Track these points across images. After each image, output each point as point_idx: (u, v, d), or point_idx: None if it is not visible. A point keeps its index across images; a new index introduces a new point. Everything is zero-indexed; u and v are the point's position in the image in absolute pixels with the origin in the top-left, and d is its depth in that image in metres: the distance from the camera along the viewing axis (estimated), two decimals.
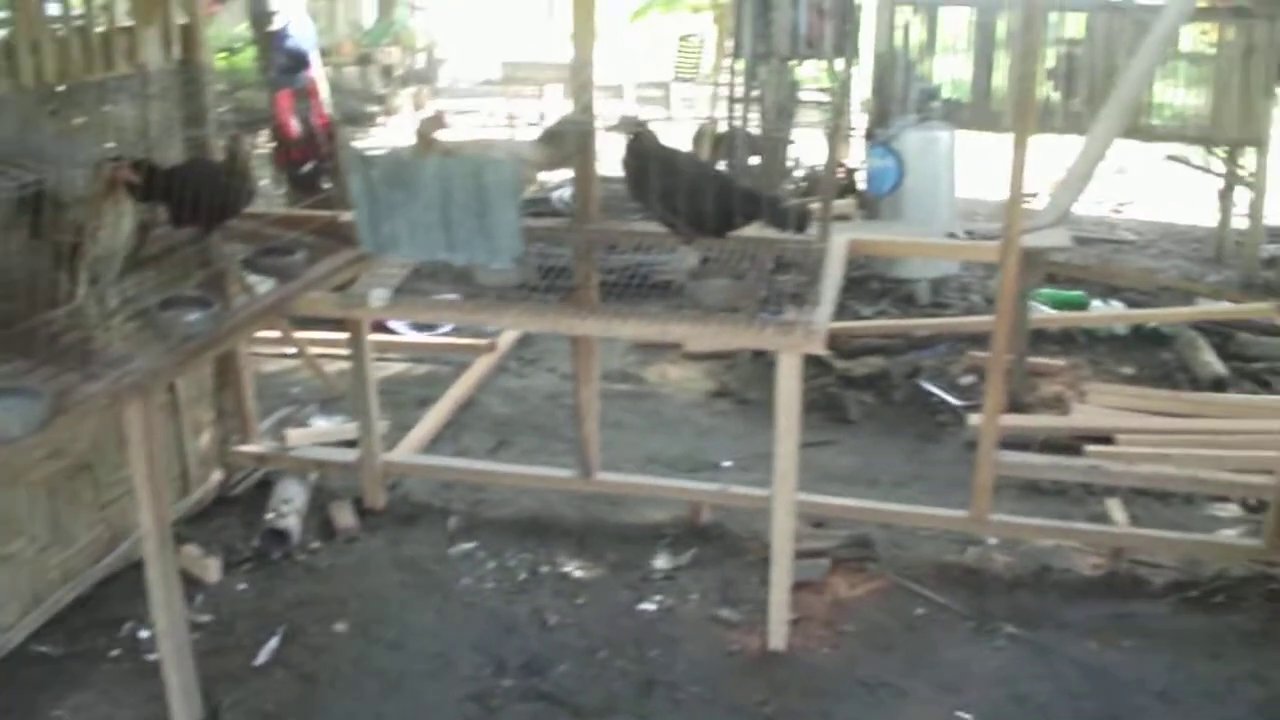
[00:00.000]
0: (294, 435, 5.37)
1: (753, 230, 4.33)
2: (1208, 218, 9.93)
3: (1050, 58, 9.22)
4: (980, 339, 6.62)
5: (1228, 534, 4.96)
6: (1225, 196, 9.53)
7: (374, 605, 4.36)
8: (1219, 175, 9.58)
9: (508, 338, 6.98)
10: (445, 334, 7.09)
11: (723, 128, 8.73)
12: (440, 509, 5.04)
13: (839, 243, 4.59)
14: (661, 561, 4.67)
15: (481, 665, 4.01)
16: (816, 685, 3.96)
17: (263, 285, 4.35)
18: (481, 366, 6.60)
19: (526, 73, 14.11)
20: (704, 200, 4.09)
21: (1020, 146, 4.24)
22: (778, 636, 4.11)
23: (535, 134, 5.99)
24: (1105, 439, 5.60)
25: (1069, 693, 3.95)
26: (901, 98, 8.36)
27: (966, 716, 3.83)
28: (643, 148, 4.19)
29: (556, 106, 12.86)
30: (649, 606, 4.38)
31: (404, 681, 3.93)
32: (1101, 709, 3.88)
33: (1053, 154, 8.79)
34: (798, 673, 4.02)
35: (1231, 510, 5.25)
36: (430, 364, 6.82)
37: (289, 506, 4.83)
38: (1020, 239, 4.40)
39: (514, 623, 4.25)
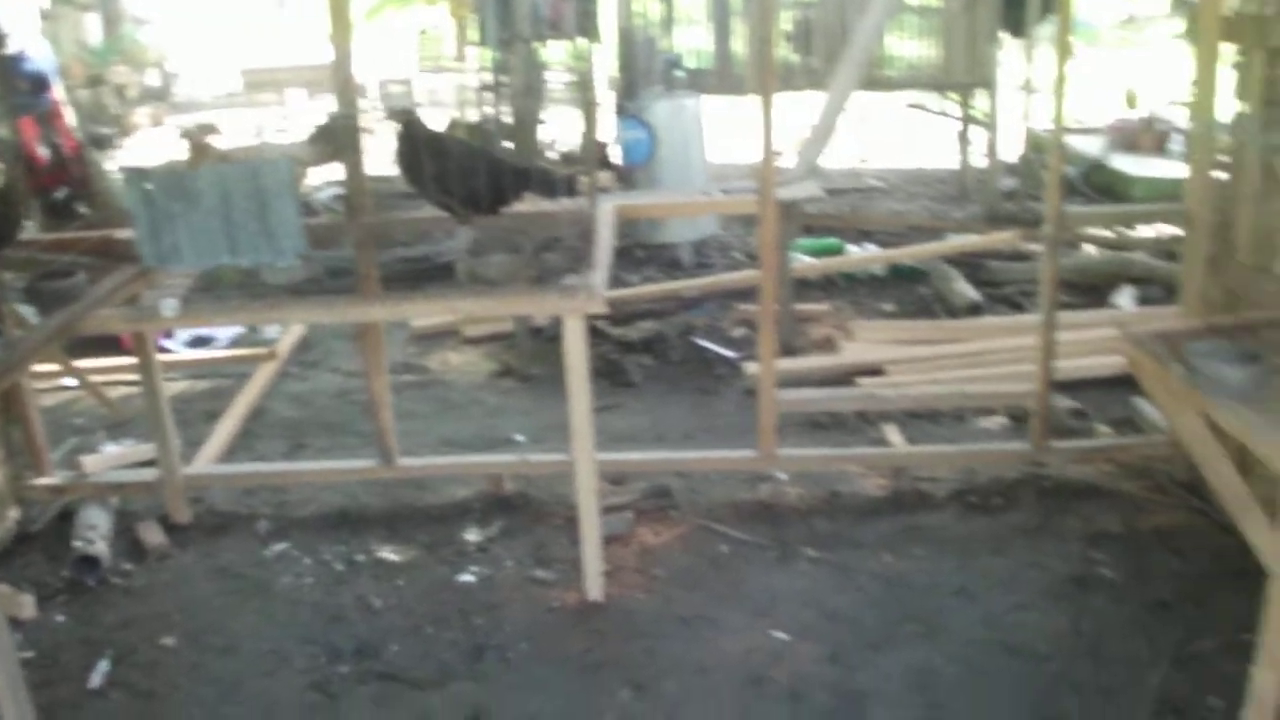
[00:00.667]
0: (90, 462, 5.32)
1: (525, 206, 4.48)
2: (949, 159, 10.47)
3: (786, 21, 9.60)
4: (746, 293, 6.95)
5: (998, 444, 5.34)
6: (963, 138, 10.07)
7: (198, 616, 4.36)
8: (955, 118, 10.11)
9: (288, 343, 6.99)
10: (224, 347, 7.07)
11: (474, 116, 8.87)
12: (248, 515, 5.05)
13: (606, 209, 4.78)
14: (473, 535, 4.79)
15: (315, 656, 4.06)
16: (637, 627, 4.15)
17: (33, 317, 4.30)
18: (265, 374, 6.60)
19: (268, 78, 13.96)
20: (476, 180, 4.24)
21: (766, 105, 4.49)
22: (594, 588, 4.28)
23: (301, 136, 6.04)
24: (876, 371, 5.97)
25: (872, 602, 4.25)
26: (646, 70, 8.60)
27: (781, 635, 4.07)
28: (413, 134, 4.31)
29: (303, 108, 12.78)
30: (467, 578, 4.50)
31: (242, 683, 3.96)
32: (904, 612, 4.18)
33: (796, 112, 9.16)
34: (617, 619, 4.21)
35: (999, 421, 5.66)
36: (212, 379, 6.78)
37: (95, 532, 4.77)
38: (775, 192, 4.66)
39: (340, 612, 4.32)
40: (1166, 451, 4.97)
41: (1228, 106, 4.61)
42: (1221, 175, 4.67)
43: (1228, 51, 4.54)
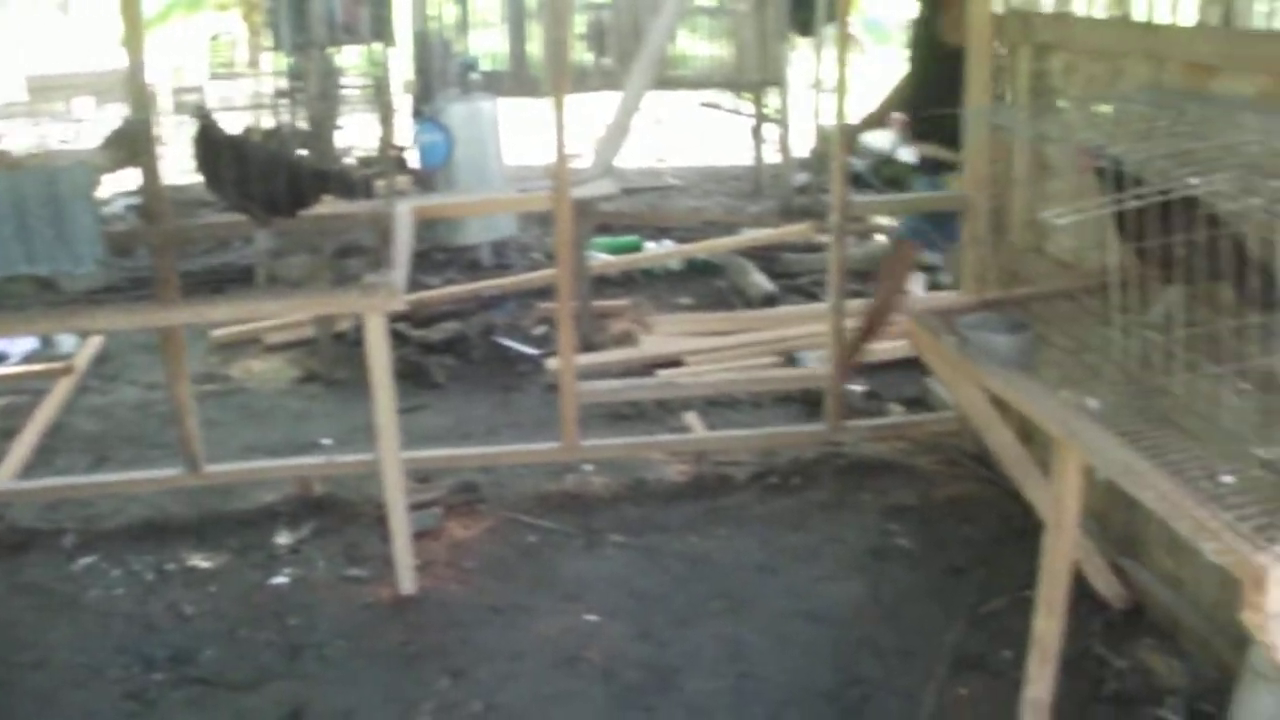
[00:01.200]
0: None
1: (324, 208, 4.51)
2: (744, 156, 10.69)
3: (581, 22, 9.72)
4: (546, 292, 7.02)
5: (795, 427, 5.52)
6: (756, 135, 10.31)
7: (6, 633, 4.22)
8: (749, 116, 10.35)
9: (85, 356, 6.85)
10: (17, 363, 6.90)
11: (269, 122, 8.77)
12: (52, 530, 4.92)
13: (404, 210, 4.82)
14: (283, 538, 4.77)
15: (129, 665, 3.99)
16: (451, 618, 4.18)
17: None
18: (63, 389, 6.44)
19: (53, 84, 13.56)
20: (275, 182, 4.25)
21: (559, 106, 4.59)
22: (407, 582, 4.31)
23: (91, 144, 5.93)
24: (675, 363, 6.12)
25: (679, 581, 4.38)
26: (442, 73, 8.62)
27: (592, 617, 4.17)
28: (211, 137, 4.30)
29: (91, 116, 12.47)
30: (280, 580, 4.48)
31: (57, 696, 3.86)
32: (710, 589, 4.31)
33: (592, 112, 9.28)
34: (431, 611, 4.24)
35: (797, 404, 5.85)
36: (6, 395, 6.62)
37: None
38: (570, 190, 4.76)
39: (152, 621, 4.25)
40: (956, 426, 5.22)
41: (997, 98, 4.87)
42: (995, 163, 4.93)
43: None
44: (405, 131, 9.03)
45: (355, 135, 8.79)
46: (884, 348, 5.99)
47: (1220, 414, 2.71)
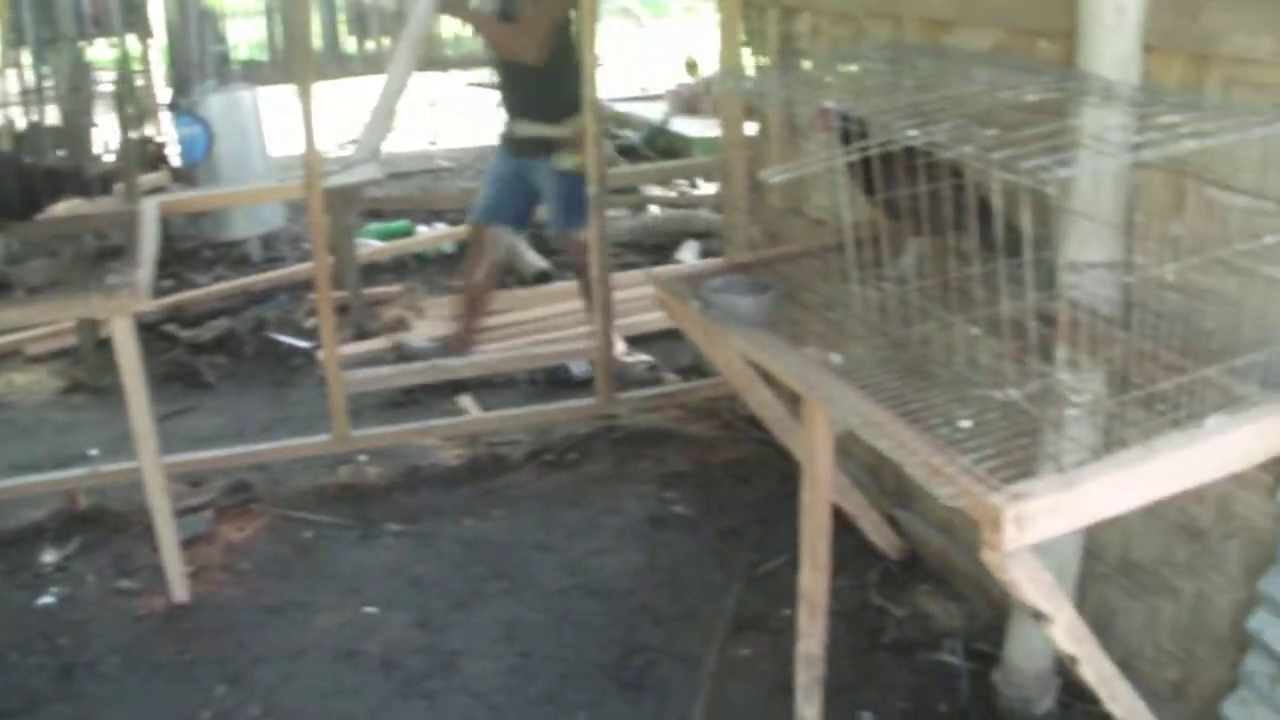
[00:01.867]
0: None
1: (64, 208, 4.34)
2: None
3: (343, 7, 9.56)
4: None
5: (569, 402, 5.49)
6: None
7: None
8: None
9: None
10: None
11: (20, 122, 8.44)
12: None
13: (150, 206, 4.66)
14: (49, 556, 4.57)
15: None
16: (227, 622, 4.07)
17: None
18: None
19: None
20: (7, 185, 4.09)
21: (305, 93, 4.48)
22: (180, 590, 4.17)
23: None
24: None
25: (456, 565, 4.33)
26: (199, 65, 8.39)
27: (371, 609, 4.09)
28: None
29: None
30: (48, 600, 4.29)
31: None
32: (488, 571, 4.28)
33: (357, 97, 9.13)
34: (207, 617, 4.11)
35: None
36: None
37: None
38: (328, 177, 4.68)
39: None
40: (728, 391, 5.27)
41: (751, 63, 4.92)
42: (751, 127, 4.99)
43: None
44: (164, 125, 8.78)
45: (110, 131, 8.53)
46: (652, 318, 6.03)
47: (958, 361, 2.77)
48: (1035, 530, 2.25)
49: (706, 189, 8.80)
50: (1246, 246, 2.61)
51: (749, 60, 4.89)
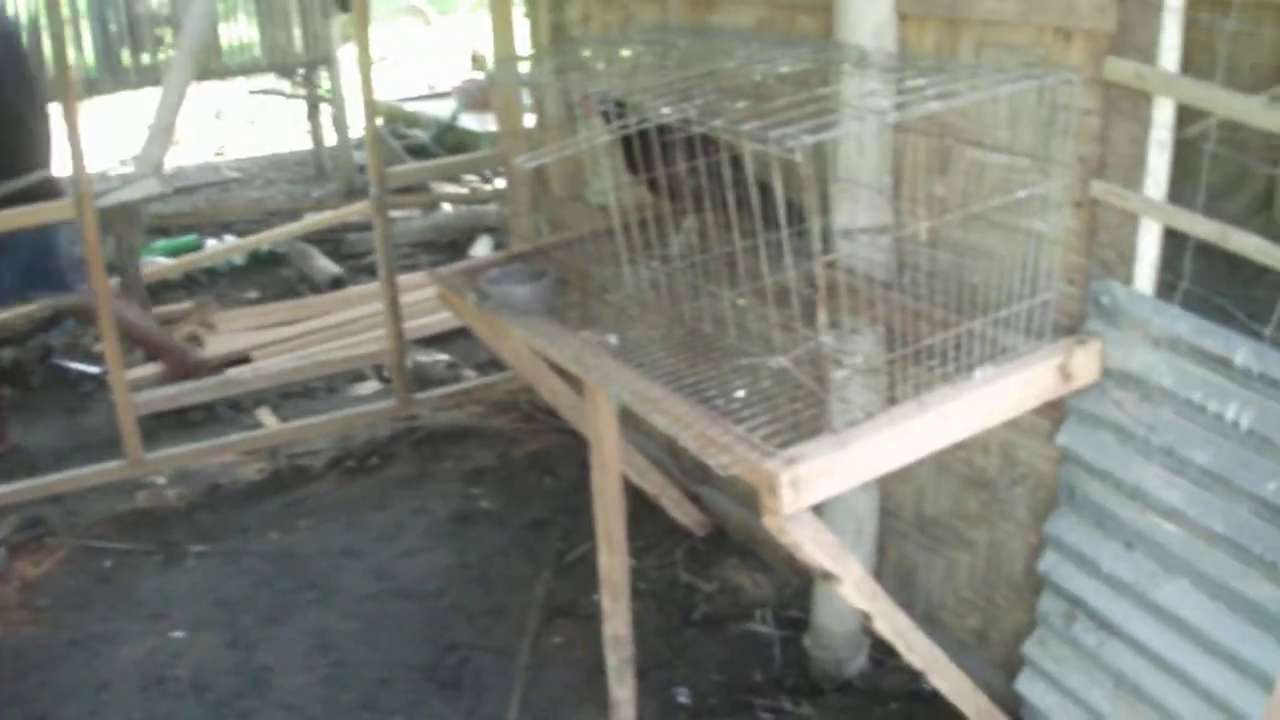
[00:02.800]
0: None
1: None
2: (304, 140, 10.48)
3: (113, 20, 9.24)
4: None
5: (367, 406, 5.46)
6: (312, 117, 10.10)
7: None
8: (302, 99, 10.13)
9: None
10: None
11: None
12: None
13: None
14: None
15: None
16: (28, 661, 3.94)
17: None
18: None
19: None
20: None
21: (69, 109, 4.33)
22: None
23: None
24: (244, 360, 5.95)
25: (263, 580, 4.28)
26: None
27: (178, 633, 4.02)
28: None
29: None
30: None
31: None
32: (297, 582, 4.25)
33: (137, 111, 8.89)
34: (6, 659, 3.97)
35: (371, 386, 5.80)
36: None
37: None
38: (105, 195, 4.55)
39: None
40: (526, 383, 5.29)
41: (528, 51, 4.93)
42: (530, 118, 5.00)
43: None
44: None
45: None
46: (447, 316, 6.01)
47: (730, 333, 2.82)
48: (812, 492, 2.32)
49: (500, 183, 8.78)
50: (999, 201, 2.70)
51: (525, 50, 4.91)
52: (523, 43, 4.92)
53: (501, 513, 4.61)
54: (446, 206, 8.32)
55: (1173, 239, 2.72)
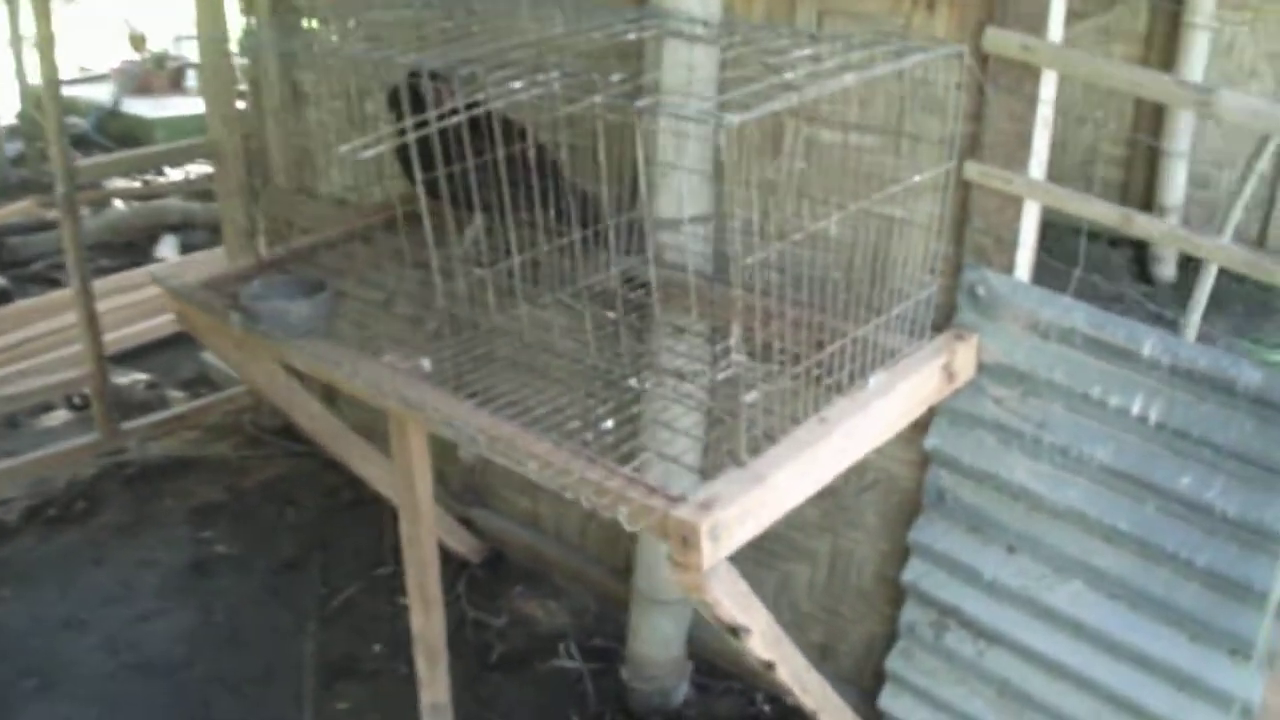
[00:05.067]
0: None
1: None
2: None
3: None
4: None
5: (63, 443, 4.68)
6: None
7: None
8: None
9: None
10: None
11: None
12: None
13: None
14: None
15: None
16: None
17: None
18: None
19: None
20: None
21: None
22: None
23: None
24: None
25: None
26: None
27: None
28: None
29: None
30: None
31: None
32: (11, 668, 3.48)
33: None
34: None
35: (61, 416, 5.02)
36: None
37: None
38: None
39: None
40: (250, 402, 4.70)
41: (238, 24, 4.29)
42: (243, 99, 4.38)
43: None
44: None
45: None
46: (148, 327, 5.33)
47: (567, 348, 2.39)
48: (730, 540, 1.97)
49: (174, 175, 8.03)
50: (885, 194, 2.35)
51: (236, 24, 4.27)
52: (232, 13, 4.25)
53: (243, 556, 3.99)
54: (118, 203, 7.49)
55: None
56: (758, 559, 3.20)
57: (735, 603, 2.08)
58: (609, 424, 2.16)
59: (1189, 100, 2.29)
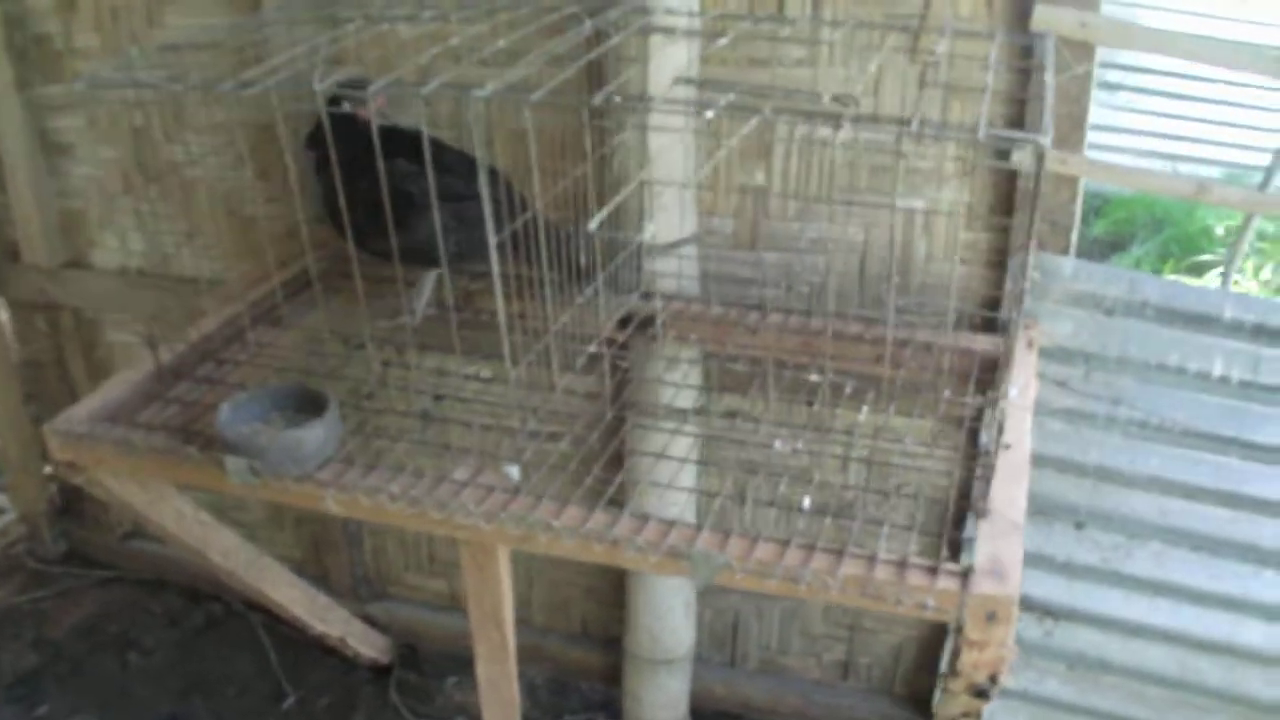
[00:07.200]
0: None
1: None
2: None
3: None
4: None
5: None
6: None
7: None
8: None
9: None
10: None
11: None
12: None
13: None
14: None
15: None
16: None
17: None
18: None
19: None
20: None
21: None
22: None
23: None
24: None
25: None
26: None
27: None
28: None
29: None
30: None
31: None
32: None
33: None
34: None
35: None
36: None
37: None
38: None
39: None
40: (22, 531, 3.99)
41: None
42: None
43: None
44: None
45: None
46: None
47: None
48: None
49: None
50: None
51: None
52: None
53: None
54: None
55: None
56: (748, 594, 3.02)
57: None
58: (806, 503, 1.91)
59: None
